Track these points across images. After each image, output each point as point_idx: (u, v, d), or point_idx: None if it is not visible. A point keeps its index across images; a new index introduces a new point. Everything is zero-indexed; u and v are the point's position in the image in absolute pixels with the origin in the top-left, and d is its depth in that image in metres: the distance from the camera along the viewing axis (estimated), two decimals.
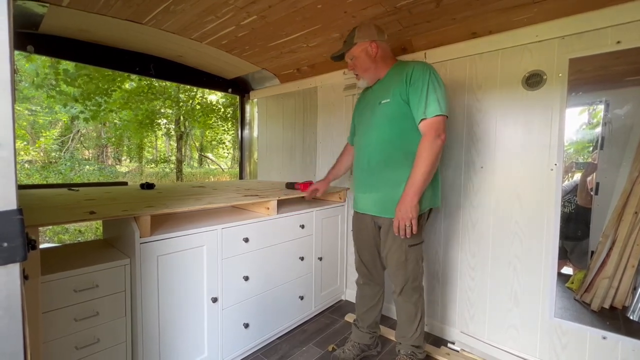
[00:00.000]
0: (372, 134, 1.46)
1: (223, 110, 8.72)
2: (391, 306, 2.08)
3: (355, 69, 1.51)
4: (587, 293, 1.81)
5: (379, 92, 1.48)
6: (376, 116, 1.45)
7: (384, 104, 1.42)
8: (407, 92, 1.35)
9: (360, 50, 1.46)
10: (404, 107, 1.36)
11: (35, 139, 8.87)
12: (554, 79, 1.46)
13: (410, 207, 1.29)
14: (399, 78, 1.39)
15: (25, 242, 0.52)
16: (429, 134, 1.30)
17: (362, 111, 1.58)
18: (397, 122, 1.39)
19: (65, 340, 1.08)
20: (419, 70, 1.34)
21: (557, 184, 1.47)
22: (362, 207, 1.55)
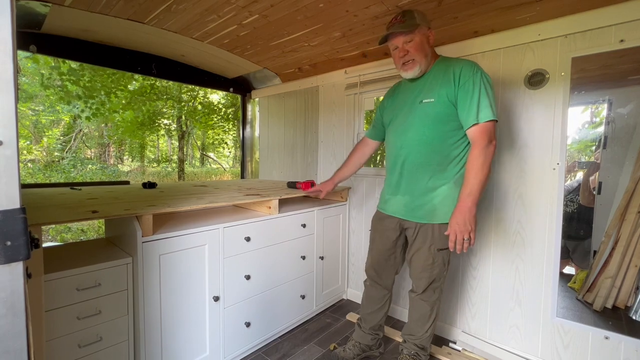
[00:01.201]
0: (409, 134, 1.37)
1: (224, 110, 8.73)
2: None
3: (411, 54, 1.32)
4: (589, 293, 1.81)
5: (420, 90, 1.38)
6: (415, 115, 1.36)
7: (427, 104, 1.33)
8: (455, 93, 1.26)
9: (421, 35, 1.32)
10: (449, 109, 1.28)
11: (38, 138, 8.91)
12: (557, 77, 1.45)
13: (469, 219, 1.21)
14: (445, 77, 1.30)
15: (29, 240, 0.53)
16: (482, 139, 1.22)
17: (397, 107, 1.46)
18: (439, 124, 1.30)
19: (68, 338, 1.09)
20: (469, 69, 1.26)
21: (559, 183, 1.46)
22: (391, 209, 1.49)
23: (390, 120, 1.50)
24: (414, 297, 1.48)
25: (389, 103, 1.56)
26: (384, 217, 1.53)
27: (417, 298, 1.47)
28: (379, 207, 1.60)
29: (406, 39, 1.32)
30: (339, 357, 1.59)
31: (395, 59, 1.39)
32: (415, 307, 1.49)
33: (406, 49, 1.33)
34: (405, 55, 1.34)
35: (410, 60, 1.34)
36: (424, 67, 1.35)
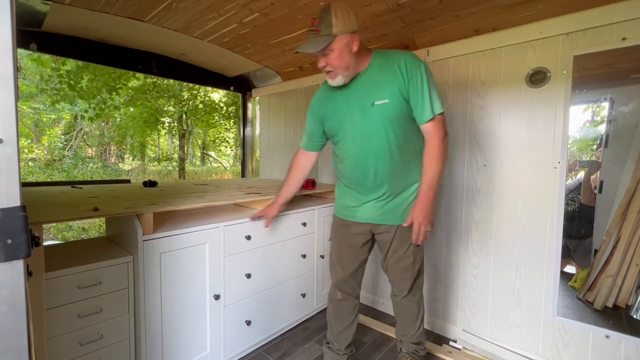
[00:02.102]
0: (372, 141, 1.27)
1: (225, 108, 8.72)
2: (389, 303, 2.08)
3: (331, 65, 1.21)
4: (590, 292, 1.80)
5: (365, 91, 1.27)
6: (372, 120, 1.26)
7: (382, 105, 1.24)
8: (407, 88, 1.22)
9: (341, 45, 1.18)
10: (405, 106, 1.24)
11: (39, 137, 8.93)
12: (558, 76, 1.45)
13: (431, 211, 1.25)
14: (390, 72, 1.23)
15: (29, 238, 0.53)
16: (438, 132, 1.24)
17: (342, 113, 1.33)
18: (400, 123, 1.26)
19: (69, 336, 1.09)
20: (412, 62, 1.22)
21: (560, 182, 1.46)
22: (362, 217, 1.40)
23: (339, 128, 1.35)
24: (399, 301, 1.45)
25: (327, 109, 1.38)
26: (350, 224, 1.43)
27: (403, 301, 1.44)
28: (341, 215, 1.47)
29: (325, 51, 1.19)
30: None
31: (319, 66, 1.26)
32: (402, 310, 1.47)
33: (325, 61, 1.22)
34: (325, 67, 1.23)
35: (331, 71, 1.24)
36: (347, 76, 1.25)
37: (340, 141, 1.37)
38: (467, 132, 1.75)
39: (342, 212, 1.47)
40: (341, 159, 1.39)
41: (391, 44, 1.93)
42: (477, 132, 1.71)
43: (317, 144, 1.50)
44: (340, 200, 1.49)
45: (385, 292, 1.66)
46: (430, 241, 1.92)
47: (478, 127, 1.71)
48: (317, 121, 1.44)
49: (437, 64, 1.83)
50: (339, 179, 1.49)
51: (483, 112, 1.69)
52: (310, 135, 1.50)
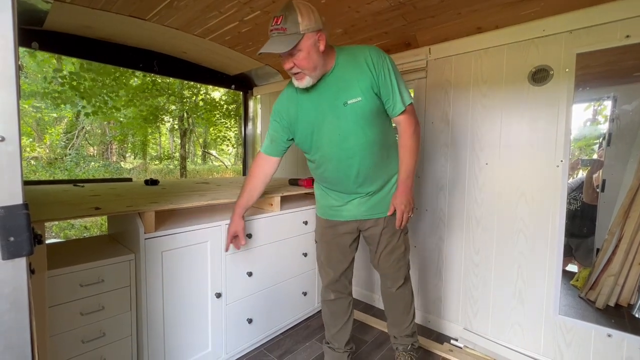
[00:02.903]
0: (351, 141, 1.24)
1: (226, 107, 8.72)
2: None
3: (299, 66, 1.15)
4: (592, 290, 1.80)
5: (335, 90, 1.22)
6: (348, 120, 1.22)
7: (355, 104, 1.20)
8: (377, 82, 1.20)
9: (309, 44, 1.12)
10: (377, 101, 1.23)
11: (41, 135, 8.95)
12: (561, 74, 1.44)
13: (411, 197, 1.33)
14: (358, 68, 1.20)
15: (32, 236, 0.53)
16: (411, 122, 1.28)
17: (313, 116, 1.27)
18: (376, 120, 1.25)
19: (72, 333, 1.10)
20: (377, 55, 1.21)
21: (562, 180, 1.45)
22: (347, 215, 1.38)
23: (312, 134, 1.29)
24: (394, 292, 1.44)
25: (296, 114, 1.31)
26: (337, 224, 1.42)
27: (398, 292, 1.45)
28: (326, 215, 1.44)
29: (291, 51, 1.12)
30: None
31: (284, 67, 1.19)
32: (397, 301, 1.47)
33: (292, 62, 1.15)
34: (292, 68, 1.16)
35: (299, 73, 1.17)
36: (315, 77, 1.19)
37: (315, 146, 1.31)
38: (468, 130, 1.74)
39: (326, 212, 1.44)
40: (319, 164, 1.34)
41: (392, 42, 1.93)
42: (479, 130, 1.71)
43: (280, 149, 1.40)
44: (323, 201, 1.45)
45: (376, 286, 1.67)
46: (430, 240, 1.92)
47: (480, 126, 1.70)
48: (282, 126, 1.36)
49: (438, 62, 1.83)
50: (318, 182, 1.46)
51: (485, 110, 1.68)
52: (273, 139, 1.39)
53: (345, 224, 1.41)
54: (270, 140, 1.41)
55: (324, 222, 1.46)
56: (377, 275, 2.21)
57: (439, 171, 1.87)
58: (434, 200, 1.90)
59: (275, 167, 1.45)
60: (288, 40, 1.09)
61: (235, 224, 1.42)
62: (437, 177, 1.88)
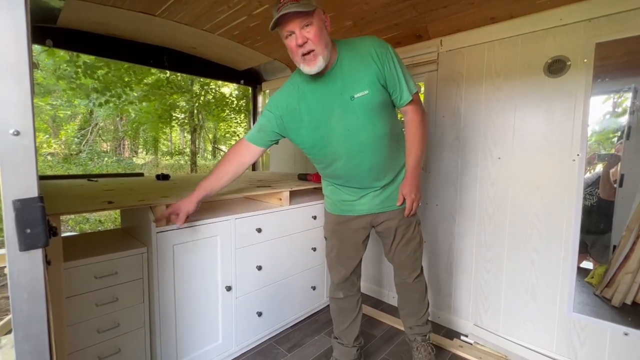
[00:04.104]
0: (361, 136, 1.21)
1: (236, 102, 8.76)
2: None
3: (311, 44, 1.08)
4: (607, 288, 1.75)
5: (340, 85, 1.18)
6: (356, 114, 1.19)
7: (362, 97, 1.17)
8: (383, 73, 1.17)
9: (319, 20, 1.09)
10: (384, 93, 1.20)
11: (56, 132, 9.18)
12: (579, 64, 1.39)
13: (419, 185, 1.33)
14: (363, 61, 1.17)
15: (47, 228, 0.54)
16: (418, 111, 1.27)
17: (317, 111, 1.22)
18: (383, 112, 1.23)
19: (88, 323, 1.13)
20: (380, 45, 1.19)
21: (579, 175, 1.41)
22: (361, 209, 1.35)
23: (318, 129, 1.24)
24: (411, 283, 1.44)
25: (295, 106, 1.25)
26: (350, 219, 1.38)
27: (415, 282, 1.44)
28: (337, 211, 1.40)
29: (303, 22, 1.06)
30: None
31: (292, 49, 1.11)
32: (413, 291, 1.46)
33: (305, 36, 1.07)
34: (305, 45, 1.08)
35: (311, 52, 1.09)
36: (326, 59, 1.12)
37: (322, 144, 1.26)
38: (480, 123, 1.70)
39: (338, 207, 1.40)
40: (329, 162, 1.30)
41: (403, 34, 1.89)
42: (492, 123, 1.67)
43: (266, 140, 1.33)
44: (334, 196, 1.40)
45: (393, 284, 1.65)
46: (441, 235, 1.90)
47: (493, 119, 1.66)
48: (276, 117, 1.27)
49: (450, 54, 1.79)
50: (328, 180, 1.41)
51: (498, 103, 1.64)
52: (261, 128, 1.31)
53: (358, 219, 1.38)
54: (258, 129, 1.33)
55: (335, 218, 1.42)
56: (386, 270, 2.21)
57: (450, 166, 1.84)
58: (445, 195, 1.87)
59: (255, 158, 1.37)
60: (304, 5, 1.04)
61: (185, 205, 1.26)
62: (448, 172, 1.85)
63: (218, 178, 1.33)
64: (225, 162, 1.35)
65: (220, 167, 1.34)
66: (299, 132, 1.28)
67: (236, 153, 1.35)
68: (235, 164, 1.34)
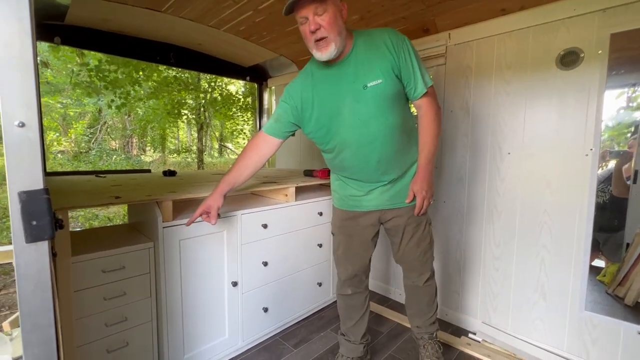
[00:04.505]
0: (372, 126, 1.19)
1: (243, 100, 8.78)
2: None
3: (324, 31, 1.08)
4: (620, 287, 1.71)
5: (354, 74, 1.17)
6: (367, 104, 1.17)
7: (375, 86, 1.15)
8: (398, 65, 1.16)
9: (334, 8, 1.09)
10: (398, 84, 1.19)
11: (66, 130, 9.32)
12: (593, 56, 1.35)
13: (432, 183, 1.28)
14: (379, 51, 1.16)
15: (53, 220, 0.54)
16: (432, 105, 1.24)
17: (329, 99, 1.22)
18: (396, 103, 1.20)
19: (96, 317, 1.14)
20: (396, 37, 1.18)
21: (592, 170, 1.37)
22: (369, 205, 1.33)
23: (329, 117, 1.23)
24: (421, 286, 1.40)
25: (310, 98, 1.25)
26: (358, 216, 1.36)
27: (424, 286, 1.41)
28: (345, 206, 1.38)
29: (318, 9, 1.06)
30: None
31: (306, 35, 1.12)
32: (423, 295, 1.43)
33: (318, 23, 1.07)
34: (318, 31, 1.08)
35: (324, 39, 1.09)
36: (339, 46, 1.12)
37: (332, 133, 1.25)
38: (490, 118, 1.67)
39: (346, 203, 1.38)
40: (338, 152, 1.28)
41: (410, 27, 1.86)
42: (502, 118, 1.63)
43: (283, 131, 1.33)
44: (342, 191, 1.39)
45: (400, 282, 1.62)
46: (448, 232, 1.87)
47: (502, 114, 1.63)
48: (291, 107, 1.28)
49: (459, 48, 1.75)
50: (336, 172, 1.40)
51: (508, 97, 1.60)
52: (279, 119, 1.31)
53: (366, 216, 1.36)
54: (275, 120, 1.33)
55: (342, 214, 1.40)
56: (393, 267, 2.19)
57: (458, 161, 1.81)
58: (453, 192, 1.84)
59: (274, 150, 1.37)
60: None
61: (213, 199, 1.29)
62: (456, 168, 1.82)
63: (240, 172, 1.35)
64: (245, 155, 1.36)
65: (240, 161, 1.35)
66: (310, 120, 1.27)
67: (255, 146, 1.36)
68: (255, 156, 1.35)
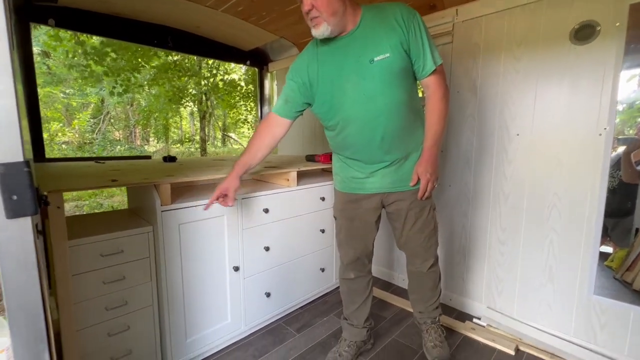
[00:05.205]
0: (378, 101, 1.15)
1: (245, 87, 8.69)
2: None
3: (318, 9, 1.07)
4: (628, 272, 1.67)
5: (361, 48, 1.14)
6: (374, 78, 1.13)
7: (382, 61, 1.12)
8: (407, 40, 1.12)
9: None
10: (406, 59, 1.14)
11: (70, 120, 9.33)
12: (610, 29, 1.27)
13: (436, 166, 1.25)
14: (388, 25, 1.13)
15: (35, 196, 0.51)
16: (441, 84, 1.19)
17: (334, 75, 1.18)
18: (402, 78, 1.16)
19: (96, 301, 1.13)
20: (407, 12, 1.14)
21: (605, 150, 1.32)
22: (372, 187, 1.30)
23: (331, 92, 1.20)
24: (425, 272, 1.38)
25: (315, 72, 1.21)
26: (361, 198, 1.33)
27: (428, 272, 1.38)
28: (347, 189, 1.35)
29: None
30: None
31: (303, 14, 1.12)
32: (426, 281, 1.40)
33: (310, 3, 1.06)
34: (310, 11, 1.07)
35: (317, 17, 1.08)
36: (333, 25, 1.09)
37: (336, 108, 1.22)
38: (498, 98, 1.61)
39: (348, 185, 1.35)
40: (341, 129, 1.24)
41: (416, 3, 1.77)
42: (510, 98, 1.57)
43: (293, 111, 1.31)
44: (343, 173, 1.36)
45: (404, 267, 1.60)
46: (453, 216, 1.83)
47: (512, 93, 1.56)
48: (298, 85, 1.26)
49: (466, 25, 1.67)
50: (338, 152, 1.36)
51: (518, 75, 1.53)
52: (288, 99, 1.30)
53: (368, 199, 1.32)
54: (284, 101, 1.31)
55: (344, 197, 1.37)
56: (396, 253, 2.17)
57: (465, 144, 1.76)
58: (458, 175, 1.80)
59: (285, 130, 1.35)
60: None
61: (229, 181, 1.29)
62: (462, 151, 1.77)
63: (253, 154, 1.33)
64: (257, 137, 1.34)
65: (253, 143, 1.34)
66: (316, 96, 1.25)
67: (266, 126, 1.34)
68: (268, 138, 1.34)
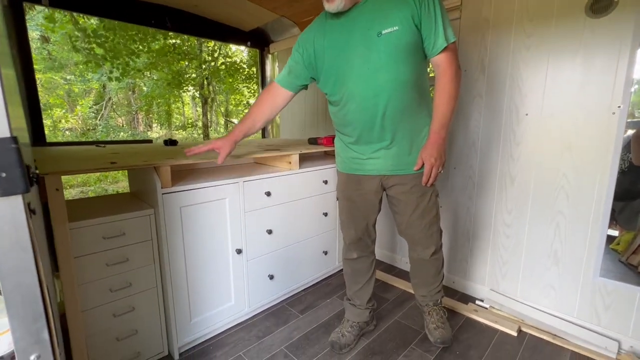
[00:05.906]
0: (382, 76, 1.11)
1: (247, 70, 8.56)
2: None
3: None
4: (634, 255, 1.65)
5: (369, 20, 1.10)
6: (380, 51, 1.09)
7: (390, 34, 1.07)
8: (419, 14, 1.07)
9: None
10: (416, 34, 1.09)
11: (72, 107, 9.29)
12: (628, 1, 1.20)
13: (444, 150, 1.18)
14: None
15: (25, 173, 0.49)
16: (452, 63, 1.13)
17: (340, 47, 1.15)
18: (411, 54, 1.10)
19: (100, 283, 1.14)
20: None
21: (618, 129, 1.27)
22: (372, 168, 1.27)
23: (338, 67, 1.17)
24: (427, 259, 1.35)
25: (322, 44, 1.19)
26: (362, 180, 1.31)
27: (431, 259, 1.35)
28: (347, 169, 1.34)
29: None
30: (340, 345, 1.39)
31: None
32: (428, 268, 1.38)
33: None
34: None
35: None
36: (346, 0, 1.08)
37: (340, 82, 1.18)
38: (507, 77, 1.55)
39: (348, 165, 1.33)
40: (343, 104, 1.22)
41: None
42: (520, 76, 1.51)
43: (296, 84, 1.30)
44: (344, 153, 1.34)
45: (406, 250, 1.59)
46: (458, 198, 1.81)
47: (522, 71, 1.50)
48: (304, 57, 1.24)
49: (475, 0, 1.60)
50: (340, 131, 1.34)
51: (529, 52, 1.47)
52: (291, 70, 1.28)
53: (369, 180, 1.30)
54: (288, 71, 1.29)
55: (345, 178, 1.36)
56: (399, 236, 2.16)
57: (471, 125, 1.71)
58: (464, 158, 1.76)
59: (287, 101, 1.34)
60: None
61: (225, 142, 1.29)
62: (468, 132, 1.73)
63: (254, 120, 1.33)
64: (258, 105, 1.34)
65: (254, 111, 1.33)
66: (322, 70, 1.22)
67: (268, 96, 1.34)
68: (269, 107, 1.34)
